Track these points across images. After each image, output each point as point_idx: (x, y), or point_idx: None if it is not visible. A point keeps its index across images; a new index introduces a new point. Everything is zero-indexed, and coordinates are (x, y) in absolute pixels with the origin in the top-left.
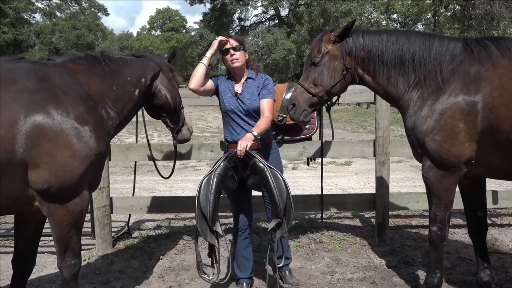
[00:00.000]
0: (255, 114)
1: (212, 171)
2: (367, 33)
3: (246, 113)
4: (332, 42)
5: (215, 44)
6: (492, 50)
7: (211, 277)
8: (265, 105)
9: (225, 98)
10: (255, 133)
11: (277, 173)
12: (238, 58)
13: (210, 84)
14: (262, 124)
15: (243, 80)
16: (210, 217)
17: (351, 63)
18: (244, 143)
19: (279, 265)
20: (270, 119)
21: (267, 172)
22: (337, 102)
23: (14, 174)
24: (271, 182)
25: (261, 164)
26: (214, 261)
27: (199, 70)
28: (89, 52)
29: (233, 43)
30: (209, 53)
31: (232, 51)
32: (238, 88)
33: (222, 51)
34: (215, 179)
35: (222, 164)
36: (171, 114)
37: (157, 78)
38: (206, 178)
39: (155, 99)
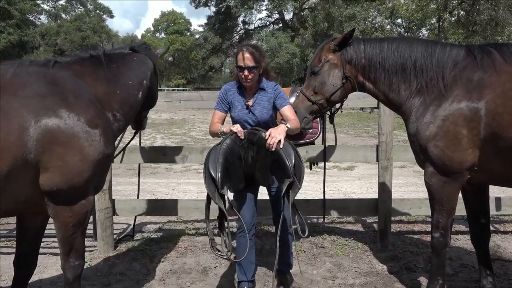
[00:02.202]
0: (264, 126)
1: (220, 143)
2: (368, 41)
3: (257, 124)
4: (332, 51)
5: (230, 130)
6: (495, 57)
7: (224, 254)
8: (288, 112)
9: (236, 109)
10: (289, 125)
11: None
12: (251, 79)
13: (223, 116)
14: (294, 121)
15: (254, 91)
16: (219, 179)
17: (351, 71)
18: (278, 137)
19: (295, 240)
20: (298, 121)
21: None
22: (340, 110)
23: (24, 179)
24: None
25: (265, 135)
26: (223, 235)
27: (215, 130)
28: (93, 53)
29: (248, 63)
30: (224, 129)
31: (246, 72)
32: (249, 100)
33: (237, 66)
34: (222, 150)
35: (229, 139)
36: (151, 106)
37: (152, 76)
38: (213, 149)
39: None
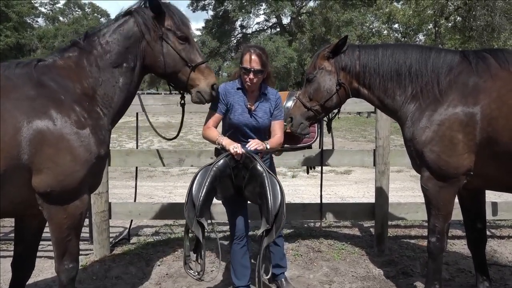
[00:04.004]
0: (264, 131)
1: (212, 164)
2: (363, 47)
3: (256, 129)
4: (326, 58)
5: (228, 148)
6: (490, 62)
7: (196, 274)
8: (277, 126)
9: (236, 112)
10: (268, 146)
11: (275, 180)
12: (255, 82)
13: (219, 118)
14: (276, 141)
15: (256, 94)
16: (199, 206)
17: (346, 78)
18: (254, 145)
19: (266, 276)
20: (282, 139)
21: (265, 177)
22: (337, 116)
23: (19, 179)
24: (266, 186)
25: (260, 168)
26: (199, 257)
27: (213, 137)
28: (75, 40)
29: (255, 66)
30: (224, 142)
31: (252, 75)
32: (251, 103)
33: (242, 68)
34: (212, 172)
35: (223, 160)
36: (167, 77)
37: (142, 46)
38: (204, 169)
39: (143, 67)
